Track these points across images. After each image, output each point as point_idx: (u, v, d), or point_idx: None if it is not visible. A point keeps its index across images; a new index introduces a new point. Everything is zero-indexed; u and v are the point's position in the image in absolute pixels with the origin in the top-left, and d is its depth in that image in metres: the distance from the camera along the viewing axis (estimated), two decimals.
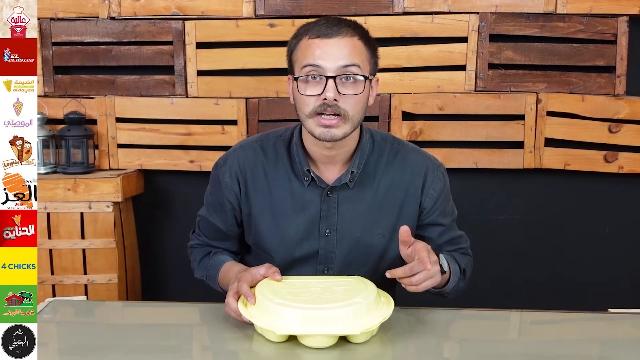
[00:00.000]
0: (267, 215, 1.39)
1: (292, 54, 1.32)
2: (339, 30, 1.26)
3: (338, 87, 1.24)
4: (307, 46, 1.27)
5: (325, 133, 1.26)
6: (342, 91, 1.25)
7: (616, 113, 2.33)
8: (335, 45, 1.25)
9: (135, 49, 2.37)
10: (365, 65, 1.28)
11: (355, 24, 1.31)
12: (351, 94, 1.26)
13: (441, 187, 1.41)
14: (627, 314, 1.37)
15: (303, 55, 1.28)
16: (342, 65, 1.25)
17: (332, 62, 1.24)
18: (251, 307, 1.16)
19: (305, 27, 1.30)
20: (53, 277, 2.23)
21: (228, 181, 1.41)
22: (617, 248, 2.47)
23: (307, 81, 1.26)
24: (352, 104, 1.26)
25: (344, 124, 1.26)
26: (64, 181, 2.21)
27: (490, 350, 1.19)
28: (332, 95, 1.23)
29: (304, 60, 1.27)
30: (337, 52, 1.25)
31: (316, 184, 1.36)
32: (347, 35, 1.26)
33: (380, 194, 1.38)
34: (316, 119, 1.26)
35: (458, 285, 1.39)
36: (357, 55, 1.27)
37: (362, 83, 1.27)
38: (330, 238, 1.38)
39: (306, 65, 1.26)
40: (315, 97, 1.25)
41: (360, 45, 1.28)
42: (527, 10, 2.29)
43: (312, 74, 1.25)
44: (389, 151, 1.41)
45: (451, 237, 1.45)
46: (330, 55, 1.25)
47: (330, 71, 1.24)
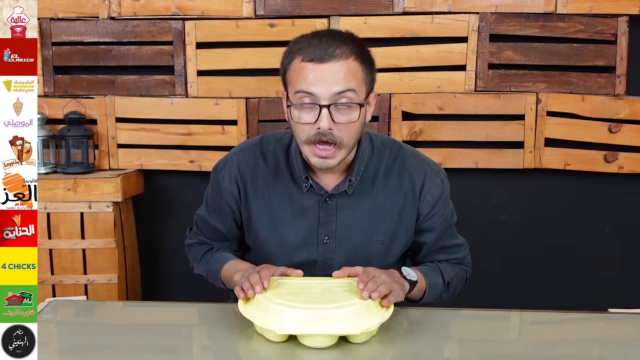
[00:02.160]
0: (266, 221, 1.39)
1: (285, 73, 1.28)
2: (333, 52, 1.20)
3: (332, 114, 1.21)
4: (300, 70, 1.22)
5: (321, 163, 1.26)
6: (336, 119, 1.22)
7: (616, 113, 2.33)
8: (330, 71, 1.20)
9: (135, 49, 2.37)
10: (360, 88, 1.24)
11: (352, 40, 1.25)
12: (346, 122, 1.23)
13: (439, 194, 1.39)
14: (627, 314, 1.36)
15: (296, 78, 1.23)
16: (337, 92, 1.21)
17: (326, 89, 1.20)
18: (251, 307, 1.16)
19: (298, 45, 1.24)
20: (53, 277, 2.23)
21: (227, 185, 1.41)
22: (617, 248, 2.47)
23: (301, 108, 1.23)
24: (346, 131, 1.24)
25: (339, 151, 1.25)
26: (64, 181, 2.21)
27: (490, 350, 1.19)
28: (326, 125, 1.21)
29: (297, 85, 1.23)
30: (332, 77, 1.20)
31: (315, 190, 1.36)
32: (341, 59, 1.21)
33: (379, 200, 1.37)
34: (312, 148, 1.25)
35: (441, 297, 1.39)
36: (352, 79, 1.22)
37: (357, 110, 1.23)
38: (329, 245, 1.37)
39: (299, 91, 1.22)
40: (309, 125, 1.23)
41: (356, 66, 1.23)
42: (527, 10, 2.29)
43: (306, 102, 1.22)
44: (388, 157, 1.39)
45: (445, 245, 1.44)
46: (324, 82, 1.20)
47: (324, 99, 1.21)
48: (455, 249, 1.46)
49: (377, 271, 1.21)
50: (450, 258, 1.45)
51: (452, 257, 1.45)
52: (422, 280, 1.34)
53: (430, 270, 1.39)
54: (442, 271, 1.41)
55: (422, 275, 1.35)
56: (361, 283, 1.14)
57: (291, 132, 1.40)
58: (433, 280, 1.37)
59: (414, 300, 1.36)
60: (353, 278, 1.25)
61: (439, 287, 1.39)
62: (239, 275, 1.28)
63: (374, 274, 1.19)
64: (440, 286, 1.39)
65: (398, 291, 1.19)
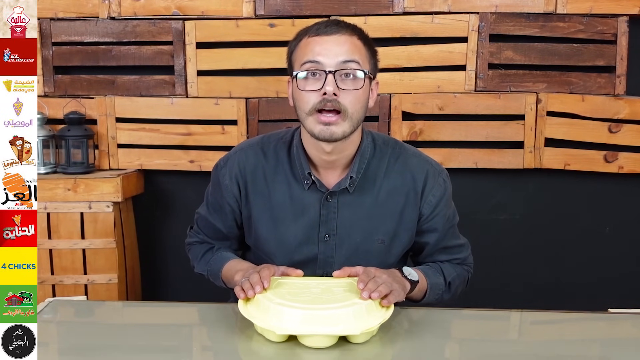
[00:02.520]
0: (267, 219, 1.39)
1: (291, 54, 1.33)
2: (338, 29, 1.28)
3: (337, 82, 1.24)
4: (307, 44, 1.28)
5: (324, 130, 1.25)
6: (341, 86, 1.25)
7: (616, 113, 2.33)
8: (335, 42, 1.26)
9: (135, 49, 2.37)
10: (364, 63, 1.29)
11: (355, 26, 1.32)
12: (351, 89, 1.25)
13: (441, 194, 1.40)
14: (627, 314, 1.36)
15: (303, 52, 1.28)
16: (342, 60, 1.25)
17: (332, 58, 1.25)
18: (251, 307, 1.16)
19: (304, 29, 1.32)
20: (53, 277, 2.23)
21: (228, 183, 1.41)
22: (617, 248, 2.47)
23: (307, 78, 1.26)
24: (351, 100, 1.26)
25: (343, 121, 1.26)
26: (64, 181, 2.21)
27: (490, 350, 1.19)
28: (331, 89, 1.23)
29: (303, 57, 1.27)
30: (337, 48, 1.26)
31: (316, 187, 1.36)
32: (346, 34, 1.28)
33: (380, 199, 1.37)
34: (315, 116, 1.26)
35: (442, 297, 1.40)
36: (357, 52, 1.27)
37: (361, 80, 1.27)
38: (329, 243, 1.37)
39: (306, 62, 1.26)
40: (314, 93, 1.25)
41: (360, 44, 1.29)
42: (527, 10, 2.29)
43: (312, 70, 1.25)
44: (390, 156, 1.40)
45: (447, 246, 1.44)
46: (330, 51, 1.25)
47: (329, 66, 1.25)
48: (457, 249, 1.46)
49: (377, 271, 1.21)
50: (452, 258, 1.45)
51: (454, 258, 1.46)
52: (423, 281, 1.34)
53: (432, 271, 1.39)
54: (443, 271, 1.41)
55: (424, 276, 1.35)
56: (361, 283, 1.15)
57: (293, 130, 1.41)
58: (434, 280, 1.38)
59: (415, 300, 1.36)
60: (353, 278, 1.25)
61: (441, 288, 1.39)
62: (240, 275, 1.28)
63: (374, 274, 1.19)
64: (441, 286, 1.39)
65: (398, 291, 1.19)
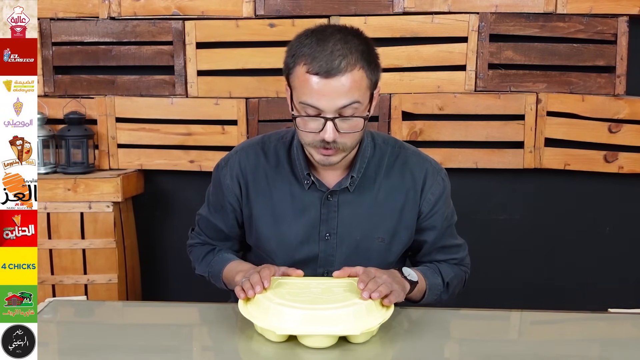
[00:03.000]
0: (268, 218, 1.39)
1: (288, 74, 1.26)
2: (339, 67, 1.18)
3: (337, 125, 1.22)
4: (305, 81, 1.20)
5: (324, 160, 1.27)
6: (341, 129, 1.23)
7: (616, 113, 2.33)
8: (335, 85, 1.19)
9: (135, 49, 2.37)
10: (365, 96, 1.23)
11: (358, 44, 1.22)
12: (350, 132, 1.24)
13: (440, 192, 1.40)
14: (627, 314, 1.36)
15: (301, 89, 1.22)
16: (342, 105, 1.21)
17: (331, 103, 1.20)
18: (251, 307, 1.16)
19: (302, 49, 1.22)
20: (53, 277, 2.23)
21: (229, 183, 1.41)
22: (617, 248, 2.47)
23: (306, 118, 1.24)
24: (349, 137, 1.25)
25: (343, 152, 1.27)
26: (64, 181, 2.21)
27: (490, 350, 1.19)
28: (331, 137, 1.22)
29: (302, 96, 1.22)
30: (337, 92, 1.19)
31: (316, 187, 1.36)
32: (347, 71, 1.19)
33: (380, 198, 1.38)
34: (316, 149, 1.27)
35: (440, 297, 1.40)
36: (357, 91, 1.21)
37: (361, 121, 1.25)
38: (330, 241, 1.38)
39: (304, 103, 1.22)
40: (313, 133, 1.24)
41: (361, 75, 1.21)
42: (527, 10, 2.29)
43: (311, 113, 1.22)
44: (389, 155, 1.40)
45: (445, 245, 1.44)
46: (329, 97, 1.20)
47: (329, 112, 1.21)
48: (454, 249, 1.47)
49: (377, 271, 1.21)
50: (449, 258, 1.46)
51: (451, 257, 1.46)
52: (422, 281, 1.35)
53: (430, 271, 1.40)
54: (441, 272, 1.41)
55: (422, 276, 1.36)
56: (361, 283, 1.15)
57: (293, 130, 1.41)
58: (433, 281, 1.38)
59: (414, 300, 1.36)
60: (353, 278, 1.25)
61: (439, 288, 1.39)
62: (241, 276, 1.28)
63: (374, 274, 1.19)
64: (440, 287, 1.39)
65: (398, 291, 1.19)
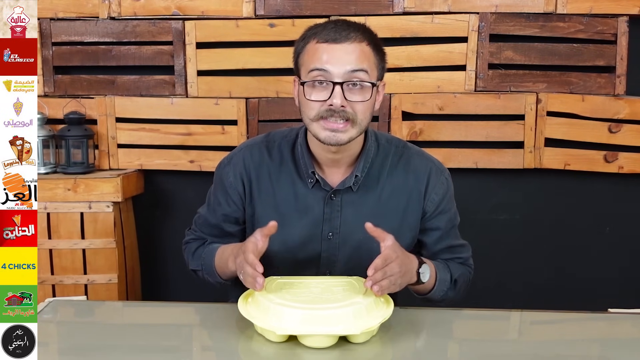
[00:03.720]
0: (271, 217, 1.38)
1: (298, 56, 1.31)
2: (347, 35, 1.25)
3: (345, 93, 1.24)
4: (315, 50, 1.26)
5: (330, 137, 1.26)
6: (349, 97, 1.24)
7: (616, 113, 2.33)
8: (344, 51, 1.24)
9: (135, 49, 2.37)
10: (372, 71, 1.28)
11: (365, 28, 1.30)
12: (358, 101, 1.25)
13: (444, 192, 1.40)
14: (627, 314, 1.37)
15: (310, 59, 1.27)
16: (350, 70, 1.24)
17: (340, 67, 1.23)
18: (251, 307, 1.16)
19: (313, 30, 1.29)
20: (53, 277, 2.23)
21: (232, 181, 1.41)
22: (617, 248, 2.47)
23: (314, 86, 1.26)
24: (360, 108, 1.26)
25: (351, 127, 1.26)
26: (64, 181, 2.21)
27: (490, 350, 1.19)
28: (339, 102, 1.23)
29: (311, 64, 1.26)
30: (345, 57, 1.24)
31: (320, 186, 1.36)
32: (355, 41, 1.25)
33: (383, 198, 1.38)
34: (321, 122, 1.26)
35: (447, 294, 1.39)
36: (365, 61, 1.26)
37: (369, 89, 1.26)
38: (332, 241, 1.38)
39: (313, 70, 1.25)
40: (320, 102, 1.25)
41: (369, 50, 1.27)
42: (527, 10, 2.29)
43: (319, 79, 1.24)
44: (393, 155, 1.40)
45: (450, 245, 1.44)
46: (338, 60, 1.24)
47: (337, 77, 1.23)
48: (459, 249, 1.46)
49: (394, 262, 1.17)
50: (454, 257, 1.45)
51: (456, 257, 1.45)
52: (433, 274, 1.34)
53: (441, 266, 1.39)
54: (450, 268, 1.41)
55: (434, 268, 1.35)
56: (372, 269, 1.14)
57: (297, 129, 1.41)
58: (443, 275, 1.37)
59: (421, 293, 1.35)
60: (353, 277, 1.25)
61: (446, 284, 1.38)
62: (232, 261, 1.27)
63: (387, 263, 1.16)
64: (447, 283, 1.38)
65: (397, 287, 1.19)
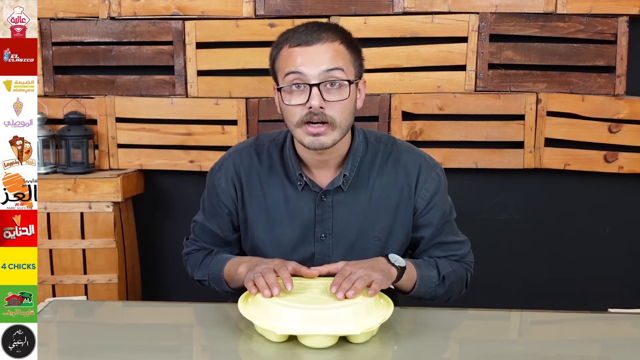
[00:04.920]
0: (262, 221, 1.39)
1: (274, 63, 1.31)
2: (319, 36, 1.24)
3: (323, 94, 1.23)
4: (289, 55, 1.25)
5: (314, 142, 1.25)
6: (327, 98, 1.23)
7: (616, 113, 2.33)
8: (317, 51, 1.24)
9: (135, 49, 2.37)
10: (349, 68, 1.27)
11: (336, 28, 1.29)
12: (337, 100, 1.24)
13: (435, 188, 1.39)
14: (627, 314, 1.36)
15: (285, 63, 1.26)
16: (325, 69, 1.23)
17: (315, 68, 1.23)
18: (251, 307, 1.16)
19: (284, 36, 1.29)
20: (53, 277, 2.23)
21: (224, 186, 1.41)
22: (617, 248, 2.47)
23: (291, 91, 1.25)
24: (338, 110, 1.25)
25: (332, 131, 1.25)
26: (64, 181, 2.21)
27: (490, 350, 1.19)
28: (317, 103, 1.22)
29: (286, 69, 1.25)
30: (319, 57, 1.23)
31: (310, 188, 1.36)
32: (327, 41, 1.25)
33: (374, 196, 1.37)
34: (304, 127, 1.25)
35: (436, 291, 1.37)
36: (340, 59, 1.25)
37: (347, 88, 1.25)
38: (325, 242, 1.37)
39: (288, 73, 1.25)
40: (300, 107, 1.24)
41: (342, 49, 1.27)
42: (527, 10, 2.29)
43: (296, 82, 1.24)
44: (382, 152, 1.39)
45: (443, 241, 1.42)
46: (312, 61, 1.23)
47: (313, 78, 1.23)
48: (454, 245, 1.44)
49: (354, 266, 1.19)
50: (449, 255, 1.43)
51: (451, 254, 1.43)
52: (412, 270, 1.33)
53: (425, 264, 1.38)
54: (438, 265, 1.39)
55: (414, 266, 1.34)
56: (334, 286, 1.14)
57: (285, 131, 1.40)
58: (426, 272, 1.35)
59: (405, 291, 1.34)
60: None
61: (433, 281, 1.36)
62: (244, 267, 1.27)
63: (349, 271, 1.17)
64: (434, 279, 1.36)
65: (381, 279, 1.18)
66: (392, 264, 1.25)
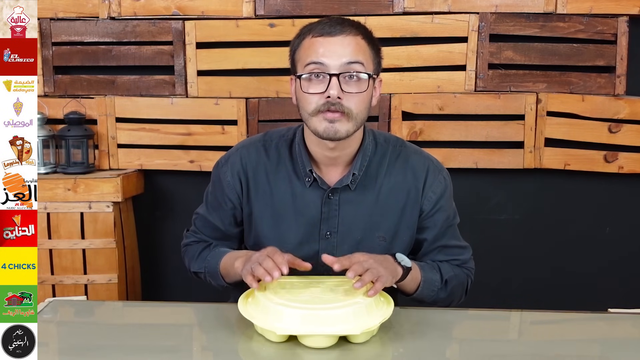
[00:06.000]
0: (268, 217, 1.39)
1: (294, 53, 1.32)
2: (342, 29, 1.27)
3: (342, 85, 1.24)
4: (311, 44, 1.27)
5: (329, 128, 1.26)
6: (345, 89, 1.25)
7: (616, 113, 2.33)
8: (339, 43, 1.26)
9: (135, 49, 2.37)
10: (368, 63, 1.29)
11: (359, 24, 1.31)
12: (355, 92, 1.26)
13: (441, 191, 1.40)
14: (627, 314, 1.37)
15: (306, 53, 1.28)
16: (346, 62, 1.25)
17: (336, 60, 1.24)
18: (251, 307, 1.16)
19: (308, 27, 1.31)
20: (53, 277, 2.23)
21: (230, 180, 1.41)
22: (617, 248, 2.46)
23: (311, 79, 1.26)
24: (355, 102, 1.26)
25: (347, 121, 1.26)
26: (64, 181, 2.21)
27: (490, 350, 1.19)
28: (335, 93, 1.24)
29: (307, 58, 1.27)
30: (341, 49, 1.25)
31: (318, 185, 1.36)
32: (350, 34, 1.27)
33: (381, 196, 1.38)
34: (320, 115, 1.26)
35: (438, 295, 1.37)
36: (361, 53, 1.27)
37: (365, 82, 1.27)
38: (330, 240, 1.37)
39: (310, 63, 1.26)
40: (318, 96, 1.25)
41: (364, 44, 1.29)
42: (527, 10, 2.29)
43: (316, 72, 1.25)
44: (391, 153, 1.40)
45: (446, 245, 1.43)
46: (334, 53, 1.25)
47: (333, 69, 1.24)
48: (456, 250, 1.45)
49: (364, 256, 1.19)
50: (451, 259, 1.44)
51: (453, 259, 1.44)
52: (417, 272, 1.33)
53: (428, 266, 1.38)
54: (441, 269, 1.40)
55: (419, 268, 1.34)
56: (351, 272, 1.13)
57: (294, 128, 1.41)
58: (430, 275, 1.36)
59: (408, 292, 1.35)
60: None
61: (436, 284, 1.37)
62: (240, 261, 1.27)
63: (359, 258, 1.17)
64: (437, 283, 1.37)
65: (386, 276, 1.17)
66: (399, 263, 1.26)
